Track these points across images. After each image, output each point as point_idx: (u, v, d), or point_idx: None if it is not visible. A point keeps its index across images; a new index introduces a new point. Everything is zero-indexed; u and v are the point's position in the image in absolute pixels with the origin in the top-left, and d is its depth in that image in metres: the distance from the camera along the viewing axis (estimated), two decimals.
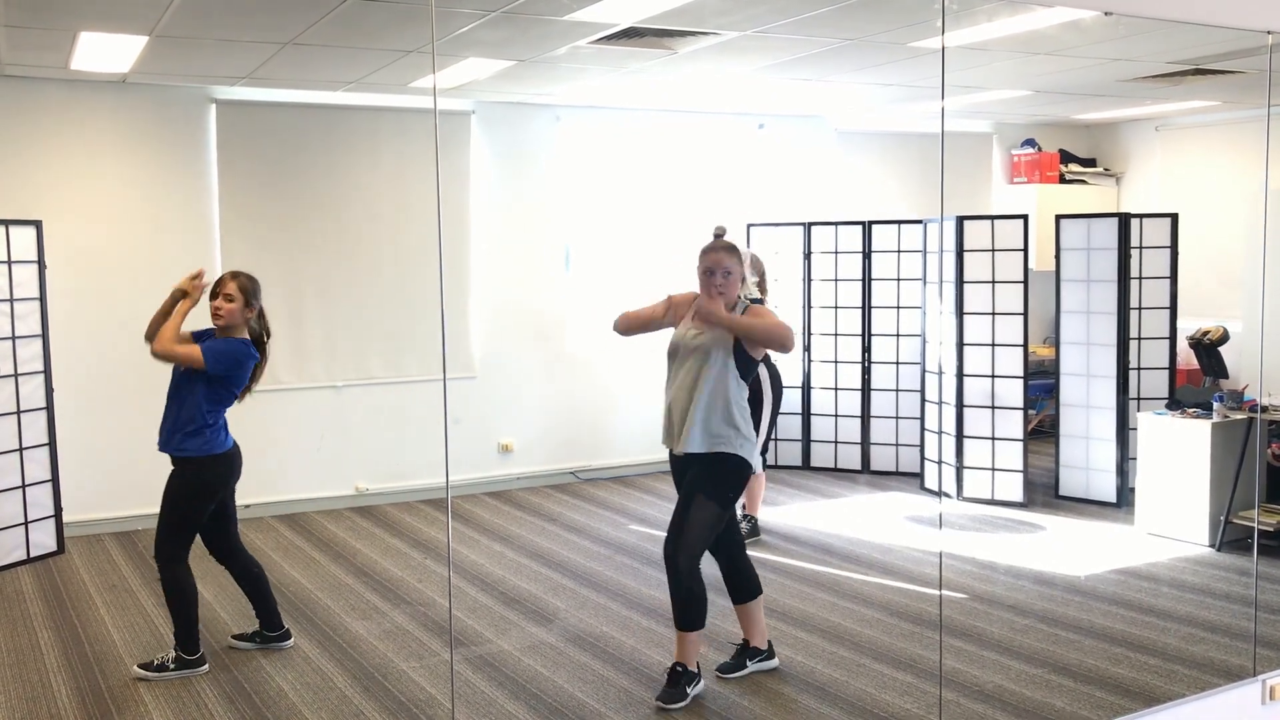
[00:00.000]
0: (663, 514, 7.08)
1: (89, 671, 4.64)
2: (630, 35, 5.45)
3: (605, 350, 8.24)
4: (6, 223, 6.10)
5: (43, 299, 6.29)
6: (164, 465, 7.03)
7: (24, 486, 6.18)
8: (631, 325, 4.57)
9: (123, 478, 6.88)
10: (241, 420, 5.13)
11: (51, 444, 6.34)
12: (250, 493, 5.47)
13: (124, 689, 4.45)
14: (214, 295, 4.62)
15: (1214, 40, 5.75)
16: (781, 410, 8.42)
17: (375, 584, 5.79)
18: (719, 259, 4.33)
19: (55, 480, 6.38)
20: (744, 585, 4.51)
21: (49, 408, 6.31)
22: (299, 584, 5.69)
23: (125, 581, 5.88)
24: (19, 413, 6.13)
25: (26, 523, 6.20)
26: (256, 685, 4.47)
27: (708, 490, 4.27)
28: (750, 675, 4.48)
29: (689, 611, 4.25)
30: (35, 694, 4.41)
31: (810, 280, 8.33)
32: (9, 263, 6.07)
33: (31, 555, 6.23)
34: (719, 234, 4.54)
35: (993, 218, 7.37)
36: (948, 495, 7.46)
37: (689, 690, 4.25)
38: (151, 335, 4.65)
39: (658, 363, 8.32)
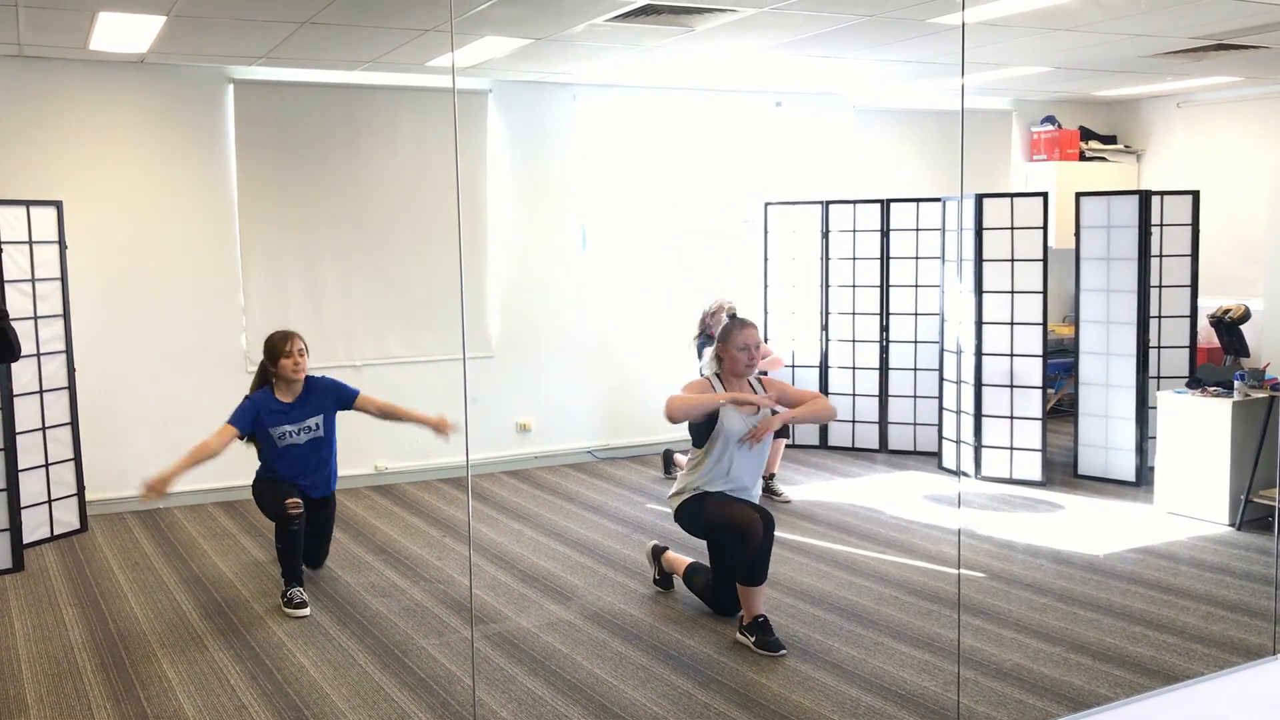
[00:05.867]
0: None
1: (113, 648, 4.69)
2: (647, 12, 5.43)
3: (622, 329, 8.25)
4: (27, 203, 6.14)
5: (64, 279, 6.33)
6: (184, 445, 7.09)
7: (47, 465, 6.23)
8: (689, 416, 4.72)
9: (144, 457, 6.93)
10: None
11: (74, 423, 6.40)
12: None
13: (148, 665, 4.50)
14: (288, 355, 5.21)
15: (1238, 14, 5.69)
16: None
17: (395, 562, 5.83)
18: (752, 334, 4.77)
19: (78, 459, 6.44)
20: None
21: (71, 387, 6.36)
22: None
23: (148, 559, 5.93)
24: (41, 392, 6.18)
25: (50, 501, 6.26)
26: (278, 661, 4.52)
27: None
28: (767, 654, 4.51)
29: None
30: (60, 670, 4.46)
31: (828, 259, 8.31)
32: (30, 243, 6.11)
33: (55, 533, 6.29)
34: (733, 312, 4.87)
35: (1012, 195, 7.32)
36: (966, 474, 7.44)
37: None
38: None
39: (675, 343, 8.35)
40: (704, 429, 4.74)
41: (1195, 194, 7.34)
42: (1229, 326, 6.87)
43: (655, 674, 4.35)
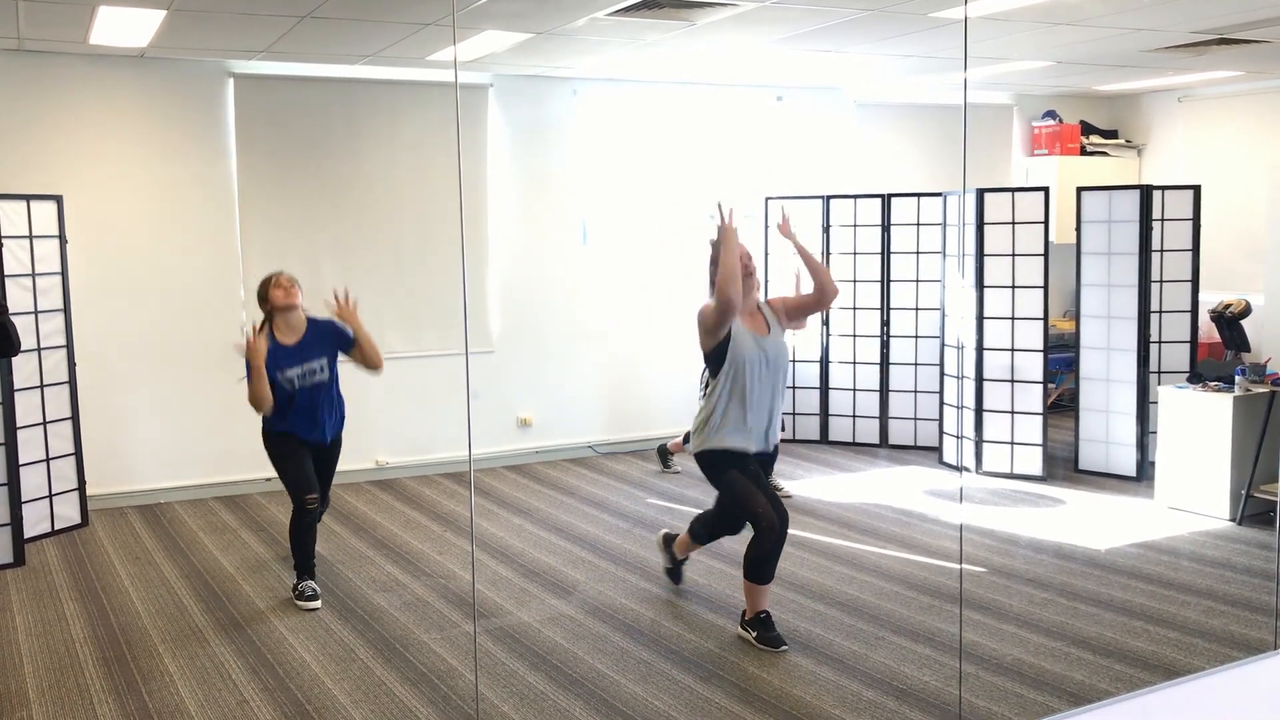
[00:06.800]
0: (680, 487, 7.11)
1: (114, 642, 4.69)
2: (648, 7, 5.42)
3: (623, 324, 8.25)
4: (28, 198, 6.13)
5: (64, 273, 6.32)
6: (185, 439, 7.12)
7: (48, 460, 6.23)
8: (729, 287, 4.52)
9: (145, 451, 6.95)
10: None
11: (74, 417, 6.40)
12: (273, 467, 5.52)
13: (149, 659, 4.50)
14: (277, 285, 5.13)
15: (1239, 9, 5.68)
16: (800, 384, 8.44)
17: (396, 556, 5.83)
18: (742, 246, 4.70)
19: (78, 453, 6.44)
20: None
21: (71, 381, 6.36)
22: (320, 556, 5.71)
23: (149, 554, 5.93)
24: (42, 386, 6.18)
25: (51, 495, 6.26)
26: (280, 656, 4.52)
27: (770, 473, 4.83)
28: (769, 650, 4.51)
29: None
30: (62, 664, 4.47)
31: (828, 254, 8.30)
32: (30, 237, 6.11)
33: (56, 528, 6.29)
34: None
35: (1013, 190, 7.31)
36: (967, 469, 7.45)
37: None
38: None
39: (675, 337, 8.36)
40: (718, 354, 4.56)
41: (1196, 189, 7.33)
42: (1230, 321, 6.87)
43: (657, 669, 4.36)
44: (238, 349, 5.03)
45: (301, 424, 5.18)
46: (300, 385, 5.11)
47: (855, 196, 8.28)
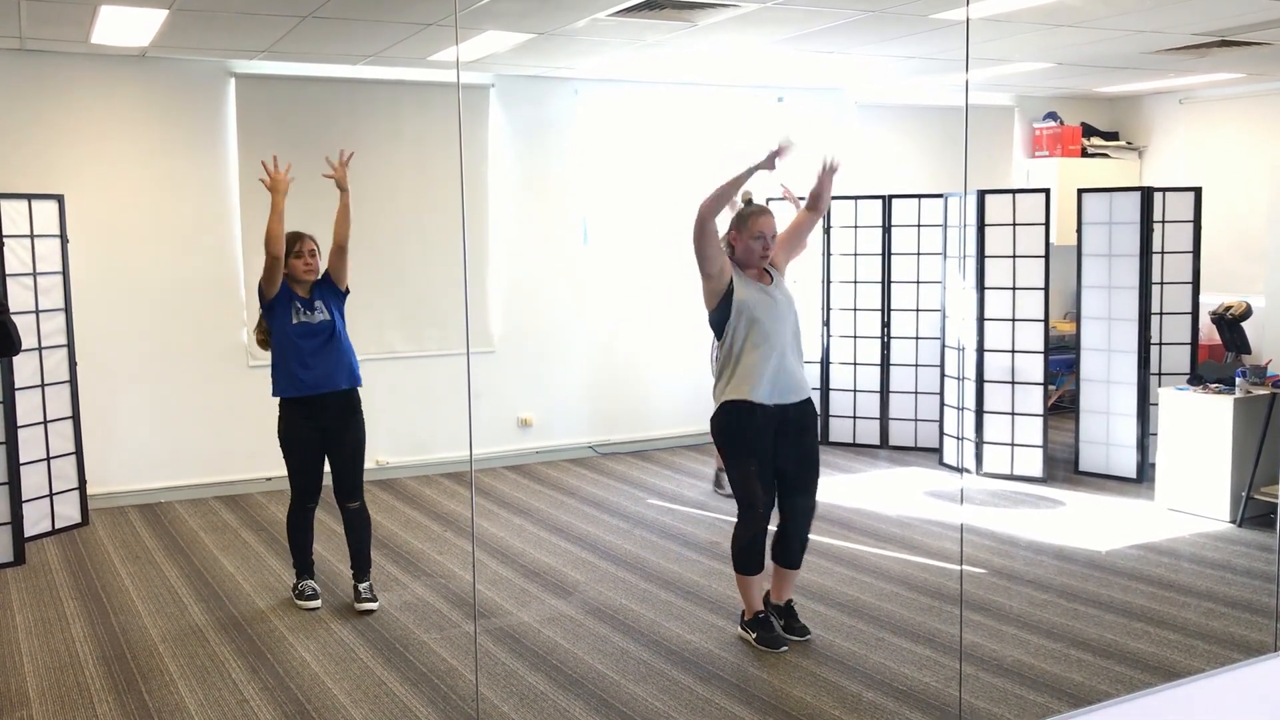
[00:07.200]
0: (681, 488, 7.10)
1: (114, 641, 4.69)
2: (650, 7, 5.42)
3: (624, 324, 8.25)
4: (29, 197, 6.14)
5: (65, 273, 6.33)
6: (186, 439, 7.11)
7: (49, 459, 6.23)
8: (718, 203, 4.63)
9: (146, 450, 6.95)
10: (263, 395, 5.18)
11: (75, 417, 6.40)
12: (273, 466, 5.53)
13: (149, 659, 4.50)
14: (299, 255, 5.04)
15: (1240, 11, 5.69)
16: None
17: (396, 556, 5.83)
18: (768, 223, 4.58)
19: (79, 453, 6.44)
20: (799, 550, 4.62)
21: (72, 381, 6.36)
22: (320, 556, 5.71)
23: (149, 553, 5.93)
24: (43, 386, 6.18)
25: (51, 495, 6.26)
26: (280, 656, 4.52)
27: (814, 433, 4.63)
28: (768, 650, 4.50)
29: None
30: (62, 663, 4.47)
31: (829, 255, 8.30)
32: (32, 237, 6.11)
33: (56, 527, 6.29)
34: (748, 199, 4.71)
35: (1014, 191, 7.31)
36: (967, 470, 7.45)
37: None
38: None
39: (675, 337, 8.35)
40: (722, 313, 4.44)
41: (1197, 190, 7.33)
42: (1230, 323, 6.88)
43: (656, 669, 4.36)
44: (264, 183, 5.01)
45: (313, 373, 5.00)
46: (307, 320, 5.01)
47: (856, 198, 8.28)
